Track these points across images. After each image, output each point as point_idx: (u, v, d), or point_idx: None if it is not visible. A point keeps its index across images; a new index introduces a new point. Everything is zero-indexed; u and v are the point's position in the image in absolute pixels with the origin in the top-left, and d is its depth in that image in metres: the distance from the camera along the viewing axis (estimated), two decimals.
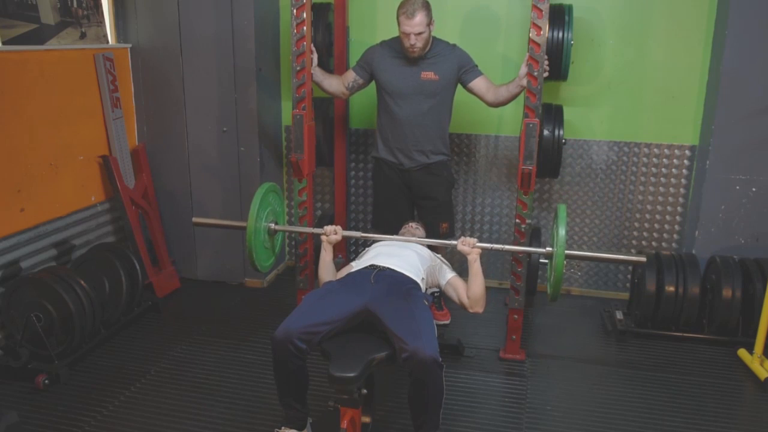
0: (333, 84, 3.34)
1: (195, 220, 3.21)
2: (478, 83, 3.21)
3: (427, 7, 3.04)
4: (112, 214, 3.78)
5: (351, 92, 3.37)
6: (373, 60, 3.27)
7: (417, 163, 3.30)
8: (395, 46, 3.23)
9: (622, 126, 3.74)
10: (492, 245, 2.77)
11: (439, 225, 3.37)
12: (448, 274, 2.78)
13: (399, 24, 3.06)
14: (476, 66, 3.24)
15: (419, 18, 3.00)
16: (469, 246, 2.70)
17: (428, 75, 3.17)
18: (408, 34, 3.04)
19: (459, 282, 2.74)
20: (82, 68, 3.50)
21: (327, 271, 2.77)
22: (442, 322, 3.51)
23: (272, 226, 2.97)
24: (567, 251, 2.59)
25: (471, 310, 2.69)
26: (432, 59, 3.18)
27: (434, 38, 3.20)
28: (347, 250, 4.16)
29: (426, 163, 3.30)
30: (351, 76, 3.33)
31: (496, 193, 3.98)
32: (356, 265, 2.73)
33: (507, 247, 2.85)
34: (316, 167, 3.57)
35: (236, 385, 2.94)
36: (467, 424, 2.68)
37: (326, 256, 2.80)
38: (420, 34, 3.03)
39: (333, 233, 2.80)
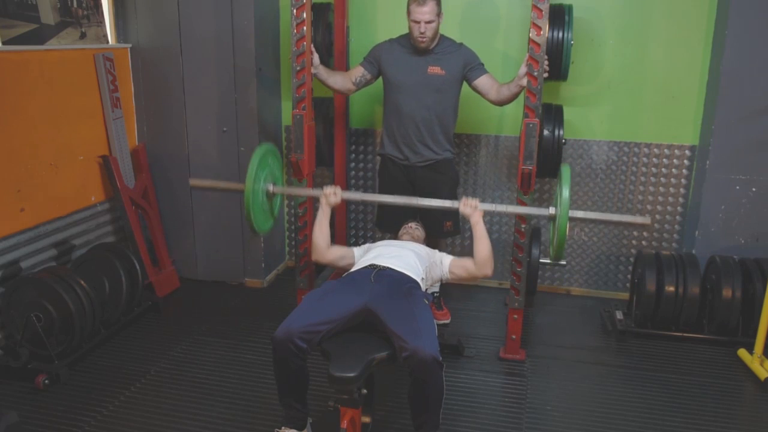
0: (338, 81, 3.34)
1: (192, 182, 3.16)
2: (482, 81, 3.23)
3: None
4: (112, 214, 3.78)
5: (358, 88, 3.38)
6: (381, 54, 3.29)
7: (422, 158, 3.31)
8: (403, 42, 3.27)
9: (622, 126, 3.74)
10: (495, 206, 2.76)
11: (443, 223, 3.37)
12: (446, 259, 2.80)
13: (409, 13, 3.10)
14: (482, 64, 3.26)
15: (430, 6, 3.04)
16: (471, 207, 2.70)
17: (435, 69, 3.20)
18: (418, 22, 3.07)
19: (459, 259, 2.78)
20: (82, 68, 3.50)
21: (322, 233, 2.78)
22: (441, 322, 3.52)
23: (270, 187, 2.90)
24: (571, 212, 2.55)
25: (480, 274, 2.70)
26: (439, 54, 3.21)
27: (442, 35, 3.23)
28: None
29: (431, 159, 3.31)
30: (359, 71, 3.34)
31: (496, 193, 3.98)
32: (356, 265, 2.73)
33: (510, 208, 2.83)
34: (316, 167, 3.57)
35: (236, 385, 2.94)
36: (467, 424, 2.68)
37: (323, 218, 2.81)
38: (430, 22, 3.07)
39: (332, 194, 2.81)
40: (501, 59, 3.75)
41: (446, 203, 2.82)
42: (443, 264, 2.79)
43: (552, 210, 2.67)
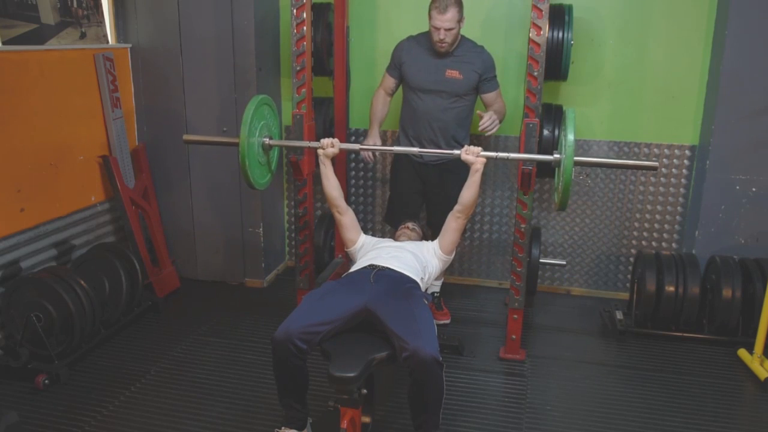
0: (387, 106, 3.45)
1: (186, 137, 3.10)
2: (489, 97, 3.28)
3: (460, 4, 3.07)
4: (112, 214, 3.78)
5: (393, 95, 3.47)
6: (401, 55, 3.30)
7: (435, 157, 3.33)
8: (422, 41, 3.26)
9: (622, 126, 3.74)
10: (497, 153, 2.77)
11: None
12: (435, 244, 2.84)
13: (430, 18, 3.09)
14: (495, 76, 3.28)
15: (451, 14, 3.02)
16: (473, 155, 2.72)
17: (453, 73, 3.19)
18: (438, 29, 3.06)
19: (440, 235, 2.84)
20: (82, 68, 3.50)
21: (331, 184, 2.85)
22: (441, 322, 3.52)
23: (267, 140, 2.88)
24: (575, 157, 2.53)
25: (460, 221, 2.78)
26: (458, 57, 3.20)
27: (462, 37, 3.22)
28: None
29: (444, 159, 3.32)
30: (391, 82, 3.38)
31: (496, 193, 3.97)
32: (355, 265, 2.73)
33: (513, 155, 2.81)
34: (316, 167, 3.57)
35: (236, 385, 2.94)
36: (467, 424, 2.68)
37: (326, 170, 2.87)
38: (450, 29, 3.06)
39: (330, 146, 2.85)
40: (501, 60, 3.74)
41: (448, 152, 2.94)
42: (435, 250, 2.82)
43: (557, 155, 2.64)
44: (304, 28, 3.02)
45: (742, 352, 3.22)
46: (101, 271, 3.34)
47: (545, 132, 3.40)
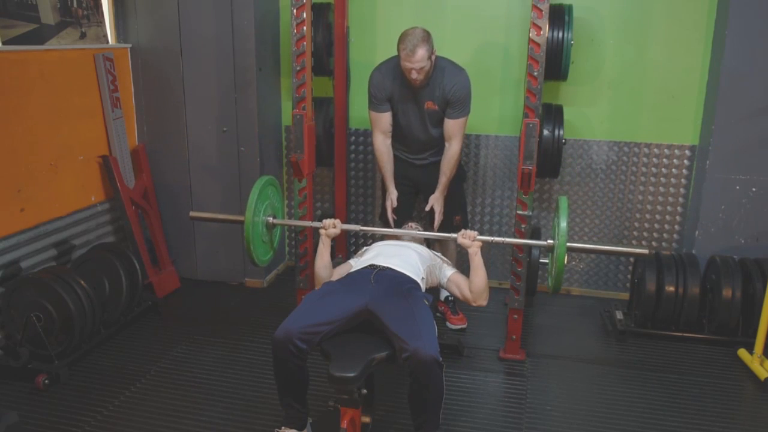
0: (391, 151, 3.33)
1: (192, 214, 3.15)
2: (448, 124, 3.17)
3: (428, 40, 2.96)
4: (112, 214, 3.78)
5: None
6: (385, 90, 3.18)
7: (427, 161, 3.35)
8: (396, 74, 3.14)
9: (622, 126, 3.74)
10: (492, 238, 2.79)
11: (451, 218, 3.38)
12: (448, 272, 2.79)
13: (400, 58, 3.00)
14: (465, 105, 3.15)
15: (420, 54, 2.93)
16: (469, 239, 2.70)
17: (430, 105, 3.15)
18: (410, 70, 2.99)
19: (460, 278, 2.75)
20: (82, 68, 3.50)
21: (324, 266, 2.73)
22: (458, 326, 3.52)
23: (270, 219, 2.94)
24: (568, 243, 2.58)
25: (474, 304, 2.69)
26: (431, 87, 3.12)
27: (439, 61, 3.11)
28: (347, 249, 4.16)
29: (435, 160, 3.31)
30: (385, 120, 3.24)
31: (496, 193, 3.98)
32: (356, 265, 2.73)
33: (507, 240, 2.86)
34: (316, 167, 3.57)
35: (236, 385, 2.94)
36: (467, 424, 2.68)
37: (324, 250, 2.76)
38: (422, 68, 2.99)
39: (332, 227, 2.78)
40: (501, 60, 3.75)
41: (444, 235, 2.85)
42: (443, 273, 2.79)
43: (550, 241, 2.71)
44: (304, 28, 3.02)
45: (742, 352, 3.22)
46: (101, 271, 3.34)
47: (545, 132, 3.39)
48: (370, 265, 2.62)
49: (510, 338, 3.19)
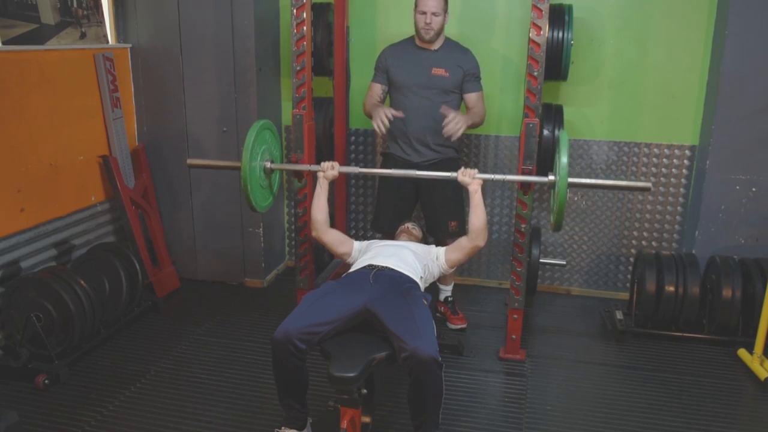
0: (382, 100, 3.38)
1: (190, 161, 3.12)
2: (471, 98, 3.26)
3: None
4: (112, 214, 3.78)
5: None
6: (386, 59, 3.31)
7: (425, 158, 3.31)
8: (404, 44, 3.29)
9: (622, 126, 3.74)
10: (493, 176, 2.78)
11: (447, 223, 3.37)
12: (440, 252, 2.82)
13: (416, 5, 3.12)
14: (479, 78, 3.27)
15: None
16: (469, 177, 2.72)
17: (439, 71, 3.20)
18: (425, 13, 3.08)
19: (451, 245, 2.81)
20: (82, 68, 3.50)
21: (320, 208, 2.81)
22: (458, 326, 3.51)
23: (268, 164, 2.92)
24: (569, 179, 2.57)
25: (472, 245, 2.73)
26: (443, 55, 3.22)
27: (447, 38, 3.24)
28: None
29: (434, 159, 3.30)
30: (378, 90, 3.33)
31: (496, 193, 3.98)
32: (354, 265, 2.73)
33: (508, 177, 2.84)
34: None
35: (236, 385, 2.94)
36: (467, 424, 2.68)
37: (321, 193, 2.84)
38: (436, 15, 3.08)
39: (330, 168, 2.84)
40: (501, 59, 3.75)
41: (446, 174, 2.84)
42: (439, 258, 2.81)
43: (551, 177, 2.68)
44: (304, 28, 3.02)
45: (742, 352, 3.21)
46: (101, 271, 3.34)
47: (545, 132, 3.39)
48: (369, 265, 2.63)
49: (510, 338, 3.19)
